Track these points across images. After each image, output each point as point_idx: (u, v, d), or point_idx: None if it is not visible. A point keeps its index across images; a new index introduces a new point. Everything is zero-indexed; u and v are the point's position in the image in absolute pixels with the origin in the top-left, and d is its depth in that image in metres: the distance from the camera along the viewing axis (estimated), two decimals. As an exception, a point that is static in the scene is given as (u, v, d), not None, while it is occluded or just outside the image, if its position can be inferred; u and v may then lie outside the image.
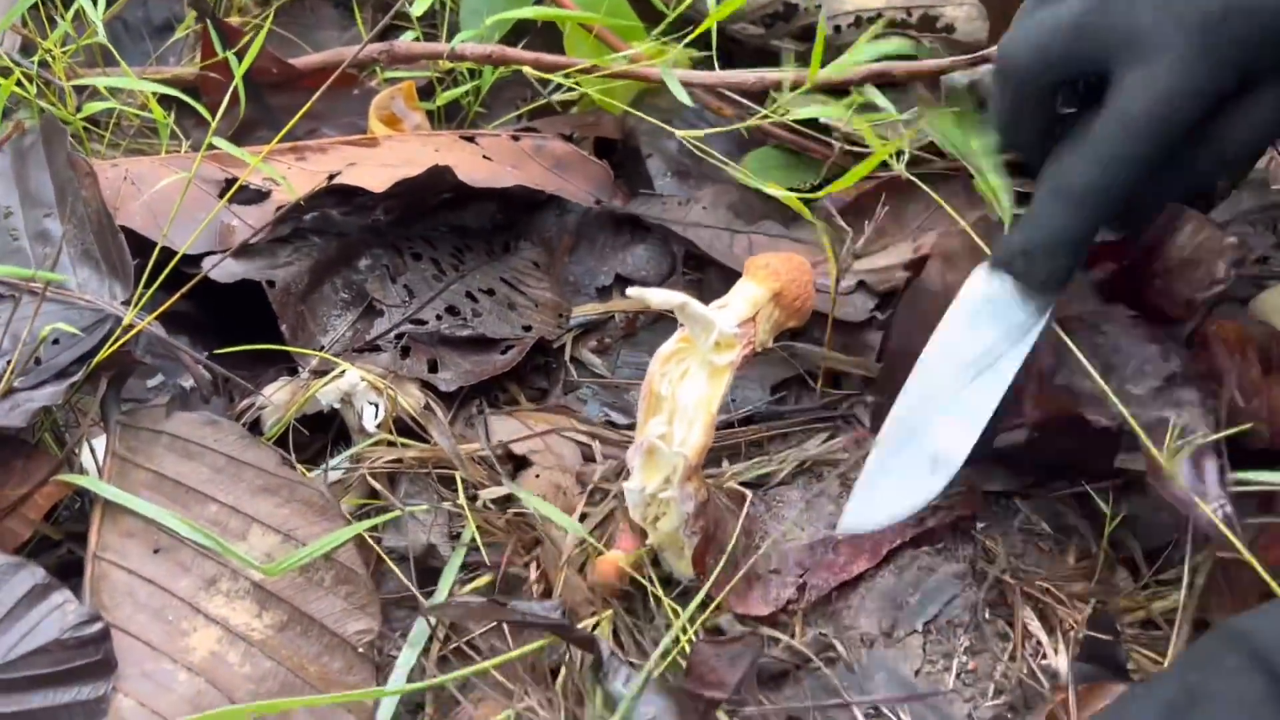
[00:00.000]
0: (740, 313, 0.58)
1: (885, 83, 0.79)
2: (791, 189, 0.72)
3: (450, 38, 0.92)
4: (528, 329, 0.77)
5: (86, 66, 0.88)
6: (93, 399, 0.62)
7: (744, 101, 0.83)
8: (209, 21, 0.81)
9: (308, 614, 0.56)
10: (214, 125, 0.65)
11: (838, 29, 0.92)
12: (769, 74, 0.80)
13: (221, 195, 0.72)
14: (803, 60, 0.79)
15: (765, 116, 0.75)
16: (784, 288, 0.59)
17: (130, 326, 0.61)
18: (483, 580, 0.63)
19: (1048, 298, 0.57)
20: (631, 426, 0.70)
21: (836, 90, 0.79)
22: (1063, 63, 0.55)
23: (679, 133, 0.74)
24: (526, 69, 0.81)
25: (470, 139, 0.84)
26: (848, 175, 0.68)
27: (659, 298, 0.56)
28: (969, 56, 0.79)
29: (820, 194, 0.71)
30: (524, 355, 0.75)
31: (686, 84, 0.79)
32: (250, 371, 0.71)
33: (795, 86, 0.74)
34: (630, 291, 0.57)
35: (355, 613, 0.56)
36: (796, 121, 0.79)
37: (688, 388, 0.58)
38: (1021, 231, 0.57)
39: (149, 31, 0.95)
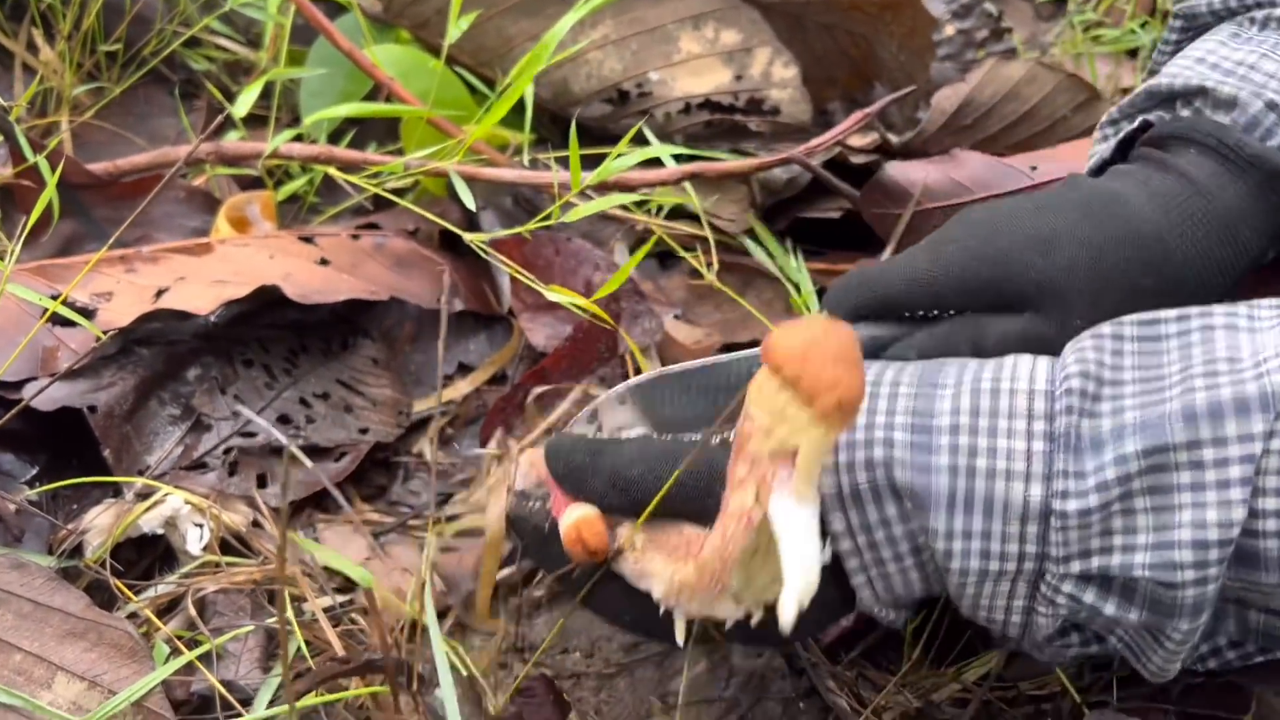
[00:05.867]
0: None
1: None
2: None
3: (288, 126, 0.93)
4: (364, 431, 0.78)
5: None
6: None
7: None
8: (5, 134, 0.80)
9: (119, 772, 0.56)
10: (14, 249, 0.65)
11: (668, 115, 0.96)
12: (544, 176, 0.83)
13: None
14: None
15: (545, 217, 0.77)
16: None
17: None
18: (308, 700, 0.64)
19: None
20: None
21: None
22: None
23: (466, 235, 0.76)
24: (333, 172, 0.82)
25: (309, 239, 0.85)
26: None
27: None
28: (775, 157, 0.85)
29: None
30: (359, 461, 0.77)
31: (483, 180, 0.83)
32: (76, 490, 0.71)
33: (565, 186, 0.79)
34: None
35: (168, 762, 0.57)
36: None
37: None
38: None
39: (-22, 129, 0.93)
